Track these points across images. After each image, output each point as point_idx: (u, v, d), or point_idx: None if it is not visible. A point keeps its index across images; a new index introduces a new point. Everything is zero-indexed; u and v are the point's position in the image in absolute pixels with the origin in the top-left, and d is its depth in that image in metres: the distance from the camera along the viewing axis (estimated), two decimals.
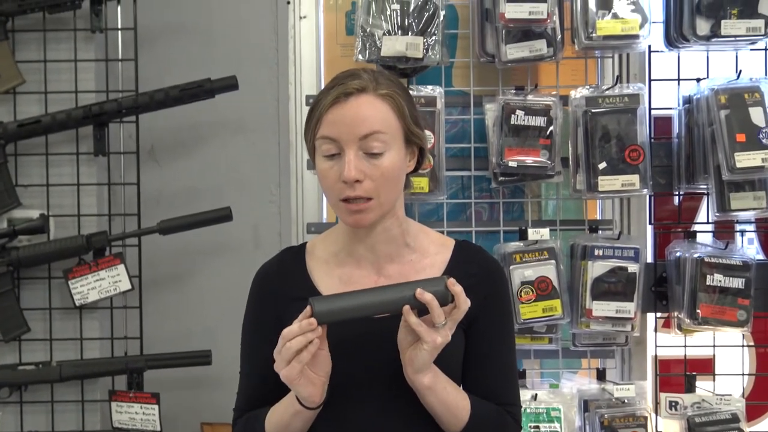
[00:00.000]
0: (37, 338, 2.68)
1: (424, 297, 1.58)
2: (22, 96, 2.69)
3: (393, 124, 1.67)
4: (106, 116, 2.63)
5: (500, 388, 1.77)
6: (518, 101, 2.58)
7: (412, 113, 1.71)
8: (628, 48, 2.61)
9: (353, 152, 1.64)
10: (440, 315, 1.58)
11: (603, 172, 2.55)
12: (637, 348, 2.71)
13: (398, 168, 1.69)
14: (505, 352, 1.79)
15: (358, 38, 2.54)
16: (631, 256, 2.57)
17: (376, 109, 1.66)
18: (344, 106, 1.65)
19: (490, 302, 1.75)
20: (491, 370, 1.76)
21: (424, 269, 1.76)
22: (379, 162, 1.65)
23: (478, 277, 1.76)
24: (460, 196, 2.77)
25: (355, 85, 1.66)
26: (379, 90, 1.67)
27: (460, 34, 2.74)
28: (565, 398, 2.58)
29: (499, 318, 1.78)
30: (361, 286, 1.71)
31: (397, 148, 1.68)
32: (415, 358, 1.61)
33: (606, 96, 2.57)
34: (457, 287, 1.59)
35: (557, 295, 2.55)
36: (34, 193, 2.69)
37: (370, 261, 1.76)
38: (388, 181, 1.67)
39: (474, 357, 1.75)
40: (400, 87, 1.73)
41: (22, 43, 2.70)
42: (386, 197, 1.68)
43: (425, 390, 1.65)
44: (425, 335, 1.58)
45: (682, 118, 2.67)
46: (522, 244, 2.58)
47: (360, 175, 1.64)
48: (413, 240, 1.78)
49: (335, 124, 1.65)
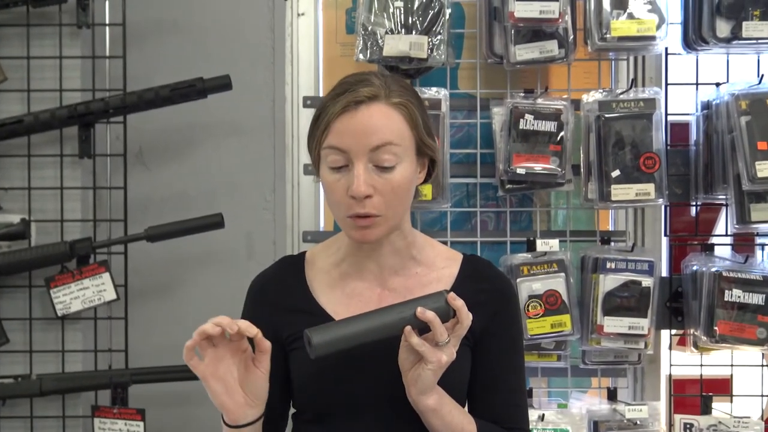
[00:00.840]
0: (17, 350, 2.66)
1: (425, 316, 1.53)
2: (4, 94, 2.67)
3: (406, 135, 1.62)
4: (93, 116, 2.60)
5: (508, 411, 1.73)
6: (527, 105, 2.52)
7: (426, 123, 1.66)
8: (644, 50, 2.55)
9: (363, 165, 1.58)
10: (443, 333, 1.54)
11: (616, 180, 2.49)
12: (651, 366, 2.64)
13: (409, 182, 1.64)
14: (514, 373, 1.75)
15: (359, 37, 2.48)
16: (645, 270, 2.51)
17: (388, 119, 1.60)
18: (355, 115, 1.59)
19: (499, 319, 1.71)
20: (499, 391, 1.73)
21: (430, 283, 1.71)
22: (390, 176, 1.60)
23: (487, 293, 1.72)
24: (464, 204, 2.70)
25: (367, 93, 1.59)
26: (392, 98, 1.61)
27: (467, 33, 2.68)
28: (574, 419, 2.51)
29: (508, 336, 1.74)
30: (364, 299, 1.70)
31: (409, 161, 1.63)
32: (418, 378, 1.57)
33: (620, 100, 2.52)
34: (459, 301, 1.55)
35: (567, 310, 2.49)
36: (14, 197, 2.67)
37: (374, 273, 1.72)
38: (399, 197, 1.62)
39: (481, 377, 1.71)
40: (414, 94, 1.67)
41: (5, 38, 2.68)
42: (395, 213, 1.63)
43: (430, 412, 1.60)
44: (429, 355, 1.54)
45: (701, 125, 2.62)
46: (530, 255, 2.53)
47: (370, 190, 1.59)
48: (419, 253, 1.74)
49: (344, 134, 1.59)
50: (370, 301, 1.70)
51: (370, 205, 1.59)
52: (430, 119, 1.69)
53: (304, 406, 1.73)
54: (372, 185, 1.58)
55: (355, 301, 1.70)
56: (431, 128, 1.68)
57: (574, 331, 2.49)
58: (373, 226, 1.61)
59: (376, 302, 1.69)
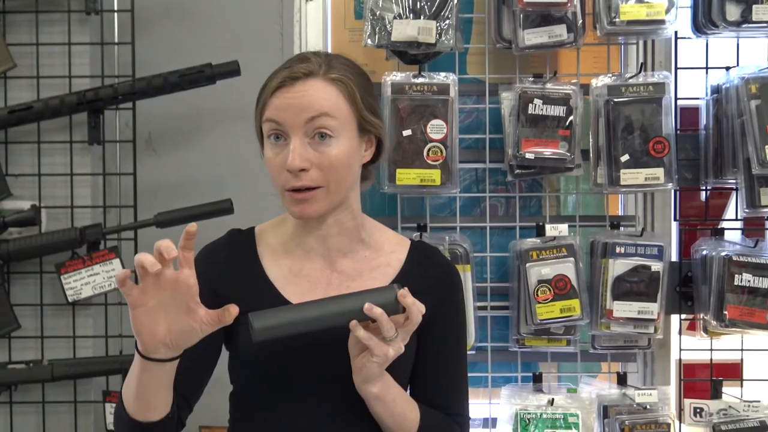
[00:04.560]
0: (28, 336, 2.64)
1: (373, 312, 1.52)
2: (13, 81, 2.64)
3: (343, 110, 1.62)
4: (102, 103, 2.58)
5: (450, 398, 1.74)
6: (536, 90, 2.52)
7: (367, 100, 1.66)
8: (654, 34, 2.53)
9: (299, 139, 1.60)
10: (390, 329, 1.53)
11: (625, 165, 2.48)
12: (660, 351, 2.64)
13: (349, 156, 1.63)
14: (456, 360, 1.76)
15: (368, 22, 2.48)
16: (655, 254, 2.50)
17: (323, 92, 1.61)
18: (290, 90, 1.61)
19: (445, 307, 1.72)
20: (441, 378, 1.73)
21: (378, 267, 1.72)
22: (327, 149, 1.60)
23: (434, 279, 1.73)
24: (473, 189, 2.70)
25: (303, 69, 1.61)
26: (330, 74, 1.62)
27: (475, 18, 2.68)
28: (584, 403, 2.51)
29: (453, 324, 1.74)
30: (312, 279, 1.70)
31: (348, 136, 1.63)
32: (363, 368, 1.57)
33: (629, 85, 2.51)
34: (409, 298, 1.54)
35: (576, 295, 2.48)
36: (25, 184, 2.65)
37: (321, 254, 1.71)
38: (337, 170, 1.61)
39: (424, 363, 1.72)
40: (356, 72, 1.67)
41: (13, 25, 2.65)
42: (336, 187, 1.63)
43: (373, 399, 1.61)
44: (375, 348, 1.54)
45: (710, 109, 2.61)
46: (539, 240, 2.52)
47: (305, 163, 1.59)
48: (368, 236, 1.74)
49: (280, 108, 1.61)
50: (318, 282, 1.69)
51: (307, 178, 1.59)
52: (375, 98, 1.70)
53: (247, 386, 1.72)
54: (308, 159, 1.59)
55: (303, 280, 1.70)
56: (375, 106, 1.68)
57: (584, 316, 2.48)
58: (311, 200, 1.61)
59: (325, 283, 1.69)
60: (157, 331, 1.47)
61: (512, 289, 2.57)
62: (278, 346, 1.56)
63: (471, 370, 2.59)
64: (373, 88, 1.71)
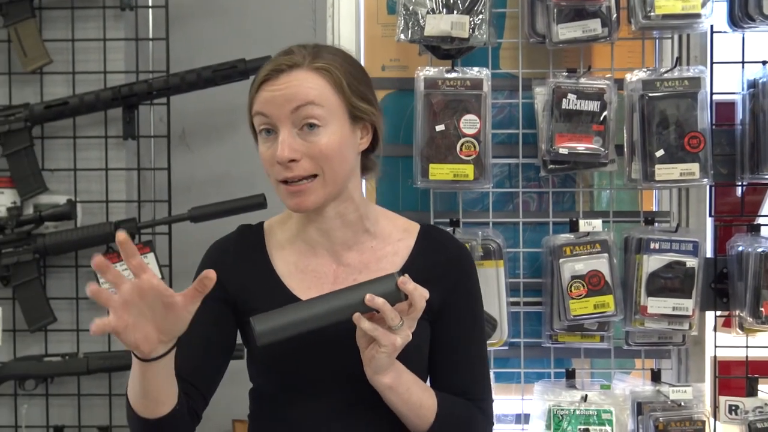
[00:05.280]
0: (64, 329, 2.66)
1: (374, 303, 1.50)
2: (49, 76, 2.67)
3: (330, 98, 1.61)
4: (136, 98, 2.60)
5: (470, 383, 1.72)
6: (570, 84, 2.50)
7: (356, 87, 1.64)
8: (689, 28, 2.51)
9: (287, 130, 1.59)
10: (395, 318, 1.51)
11: (660, 160, 2.46)
12: (695, 348, 2.62)
13: (340, 144, 1.61)
14: (474, 345, 1.73)
15: (400, 17, 2.47)
16: (690, 250, 2.48)
17: (309, 82, 1.60)
18: (275, 83, 1.61)
19: (458, 292, 1.70)
20: (460, 364, 1.71)
21: (386, 257, 1.70)
22: (316, 138, 1.59)
23: (444, 265, 1.70)
24: (506, 184, 2.68)
25: (287, 61, 1.61)
26: (315, 63, 1.61)
27: (509, 13, 2.65)
28: (618, 400, 2.49)
29: (467, 309, 1.72)
30: (319, 275, 1.69)
31: (338, 124, 1.61)
32: (373, 359, 1.55)
33: (664, 79, 2.48)
34: (410, 285, 1.51)
35: (610, 291, 2.46)
36: (60, 178, 2.67)
37: (326, 248, 1.70)
38: (330, 159, 1.60)
39: (441, 350, 1.70)
40: (344, 60, 1.66)
41: (50, 21, 2.67)
42: (331, 176, 1.61)
43: (387, 390, 1.59)
44: (382, 338, 1.52)
45: (746, 104, 2.57)
46: (573, 236, 2.50)
47: (294, 153, 1.58)
48: (374, 225, 1.72)
49: (267, 101, 1.61)
50: (325, 278, 1.68)
51: (299, 168, 1.58)
52: (366, 84, 1.68)
53: (263, 383, 1.72)
54: (297, 149, 1.58)
55: (310, 276, 1.68)
56: (367, 93, 1.66)
57: (618, 312, 2.47)
58: (307, 191, 1.60)
59: (331, 278, 1.68)
60: (150, 336, 1.46)
61: (545, 285, 2.56)
62: (288, 343, 1.54)
63: (503, 366, 2.61)
64: (365, 76, 1.69)
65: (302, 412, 1.66)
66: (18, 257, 2.58)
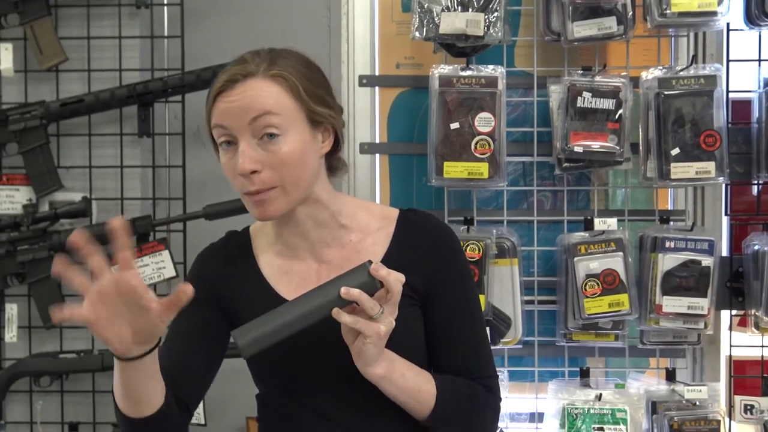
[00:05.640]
0: (79, 326, 2.55)
1: (350, 294, 1.49)
2: (65, 74, 2.67)
3: (287, 105, 1.58)
4: (151, 95, 2.61)
5: (470, 361, 1.70)
6: (585, 83, 2.49)
7: (313, 91, 1.61)
8: (705, 26, 2.49)
9: (246, 142, 1.57)
10: (374, 307, 1.50)
11: (676, 158, 2.45)
12: (710, 347, 2.61)
13: (301, 151, 1.59)
14: (468, 323, 1.71)
15: (415, 15, 2.47)
16: (705, 249, 2.48)
17: (263, 91, 1.58)
18: (230, 94, 1.58)
19: (443, 272, 1.67)
20: (457, 343, 1.69)
21: (366, 248, 1.68)
22: (276, 148, 1.57)
23: (426, 247, 1.68)
24: (520, 183, 2.68)
25: (240, 71, 1.59)
26: (270, 71, 1.59)
27: (524, 10, 2.64)
28: (632, 399, 2.49)
29: (456, 288, 1.69)
30: (302, 275, 1.68)
31: (297, 131, 1.59)
32: (361, 352, 1.54)
33: (680, 77, 2.47)
34: (382, 271, 1.50)
35: (624, 290, 2.46)
36: (76, 176, 2.68)
37: (306, 249, 1.69)
38: (290, 167, 1.58)
39: (436, 332, 1.68)
40: (301, 64, 1.63)
41: (65, 19, 2.68)
42: (292, 184, 1.59)
43: (381, 380, 1.58)
44: (366, 329, 1.51)
45: (763, 102, 2.56)
46: (587, 234, 2.50)
47: (256, 165, 1.56)
48: (349, 219, 1.70)
49: (224, 113, 1.58)
50: (309, 277, 1.67)
51: (259, 181, 1.56)
52: (327, 87, 1.65)
53: (262, 387, 1.73)
54: (258, 160, 1.55)
55: (295, 278, 1.67)
56: (325, 96, 1.63)
57: (632, 311, 2.46)
58: (269, 201, 1.58)
59: (314, 278, 1.66)
60: (123, 335, 1.43)
61: (560, 284, 2.55)
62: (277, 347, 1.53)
63: (517, 365, 2.61)
64: (323, 79, 1.66)
65: (304, 411, 1.65)
66: (33, 254, 2.58)
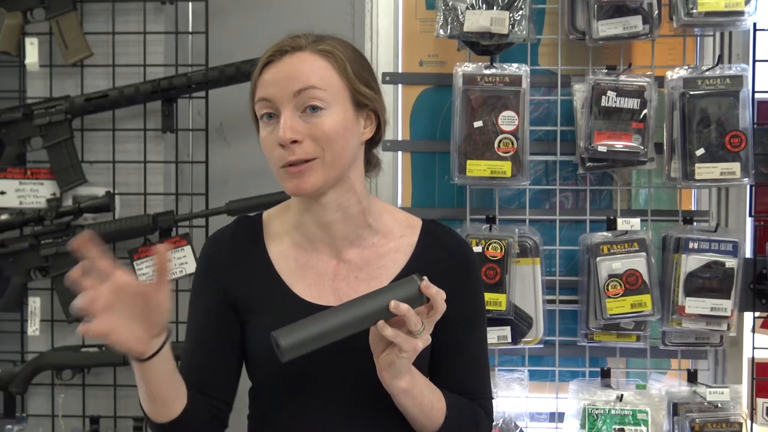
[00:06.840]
0: None
1: (399, 309, 1.48)
2: (90, 69, 2.69)
3: (333, 81, 1.58)
4: (175, 91, 2.62)
5: (471, 382, 1.71)
6: (610, 82, 2.47)
7: (360, 73, 1.61)
8: (732, 25, 2.47)
9: (289, 112, 1.55)
10: (417, 323, 1.50)
11: (700, 159, 2.43)
12: (733, 349, 2.58)
13: (343, 128, 1.58)
14: (476, 343, 1.72)
15: (440, 12, 2.45)
16: (729, 250, 2.45)
17: (311, 64, 1.57)
18: (278, 65, 1.58)
19: (460, 290, 1.66)
20: (462, 362, 1.70)
21: (387, 254, 1.67)
22: (318, 120, 1.56)
23: (447, 262, 1.68)
24: (543, 182, 2.66)
25: (289, 43, 1.59)
26: (318, 46, 1.59)
27: (548, 9, 2.63)
28: (653, 400, 2.47)
29: (468, 307, 1.69)
30: (319, 271, 1.65)
31: (341, 108, 1.58)
32: (392, 364, 1.53)
33: (706, 77, 2.45)
34: (432, 289, 1.50)
35: (647, 290, 2.44)
36: (99, 170, 2.69)
37: (327, 243, 1.66)
38: (332, 141, 1.56)
39: (443, 348, 1.67)
40: (348, 47, 1.63)
41: (91, 14, 2.69)
42: (332, 158, 1.57)
43: (402, 393, 1.57)
44: (404, 344, 1.49)
45: None
46: (610, 234, 2.48)
47: (297, 135, 1.54)
48: (376, 220, 1.68)
49: (269, 83, 1.57)
50: (325, 274, 1.65)
51: (301, 151, 1.54)
52: (371, 73, 1.65)
53: (259, 382, 1.70)
54: (298, 131, 1.54)
55: (310, 273, 1.65)
56: (370, 80, 1.63)
57: (655, 312, 2.44)
58: (307, 171, 1.55)
59: (332, 275, 1.65)
60: (139, 335, 1.45)
61: (581, 283, 2.54)
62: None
63: (538, 364, 2.60)
64: (368, 65, 1.66)
65: (302, 411, 1.64)
66: (57, 248, 2.60)
